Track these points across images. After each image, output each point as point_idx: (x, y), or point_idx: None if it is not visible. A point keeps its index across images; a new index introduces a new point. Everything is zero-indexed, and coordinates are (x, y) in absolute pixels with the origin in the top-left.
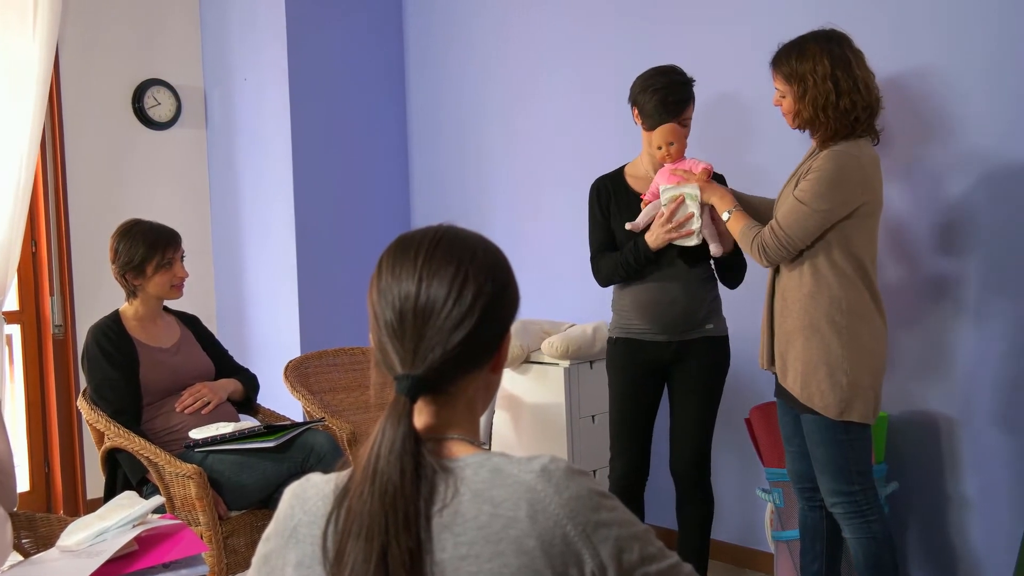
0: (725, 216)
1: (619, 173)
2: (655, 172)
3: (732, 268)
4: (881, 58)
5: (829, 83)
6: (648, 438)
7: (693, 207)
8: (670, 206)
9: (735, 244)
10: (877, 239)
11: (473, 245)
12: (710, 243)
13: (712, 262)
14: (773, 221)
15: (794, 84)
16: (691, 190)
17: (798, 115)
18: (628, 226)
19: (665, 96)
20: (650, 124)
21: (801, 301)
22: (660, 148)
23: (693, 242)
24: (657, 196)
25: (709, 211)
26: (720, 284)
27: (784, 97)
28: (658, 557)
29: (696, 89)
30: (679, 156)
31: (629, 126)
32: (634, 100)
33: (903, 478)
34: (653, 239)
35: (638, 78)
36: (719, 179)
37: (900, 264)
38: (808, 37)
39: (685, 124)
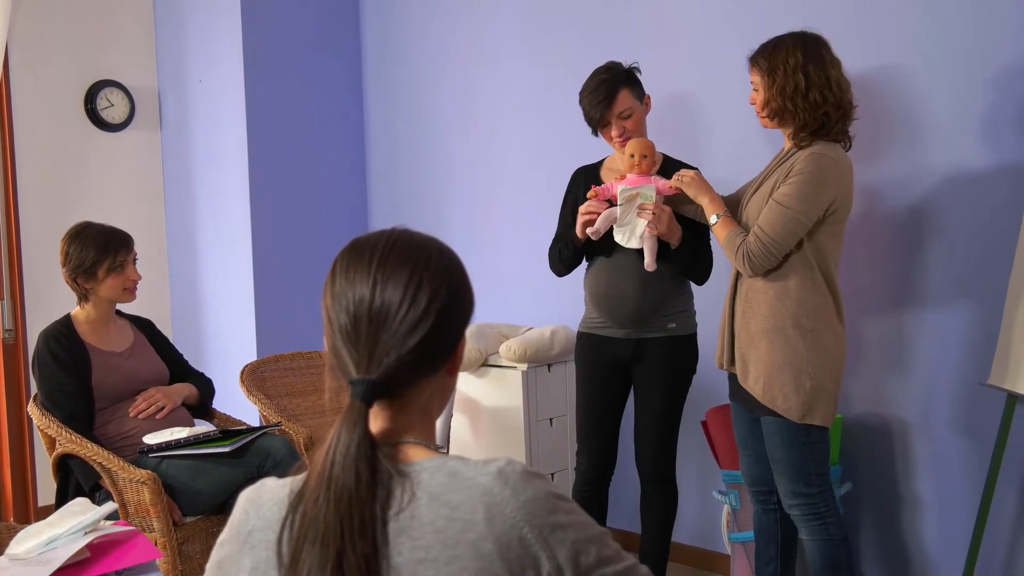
0: (713, 220)
1: (598, 165)
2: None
3: (685, 268)
4: (848, 57)
5: (800, 74)
6: (613, 433)
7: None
8: (628, 205)
9: (688, 249)
10: (842, 244)
11: (428, 248)
12: (646, 255)
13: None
14: (756, 228)
15: (766, 76)
16: (646, 190)
17: (767, 105)
18: (590, 193)
19: (592, 98)
20: (591, 128)
21: (767, 303)
22: (632, 156)
23: (634, 244)
24: (608, 194)
25: (649, 228)
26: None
27: (757, 91)
28: (615, 559)
29: (652, 90)
30: (648, 171)
31: (586, 128)
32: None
33: (856, 479)
34: (578, 228)
35: None
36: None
37: (859, 266)
38: (786, 34)
39: (625, 116)
